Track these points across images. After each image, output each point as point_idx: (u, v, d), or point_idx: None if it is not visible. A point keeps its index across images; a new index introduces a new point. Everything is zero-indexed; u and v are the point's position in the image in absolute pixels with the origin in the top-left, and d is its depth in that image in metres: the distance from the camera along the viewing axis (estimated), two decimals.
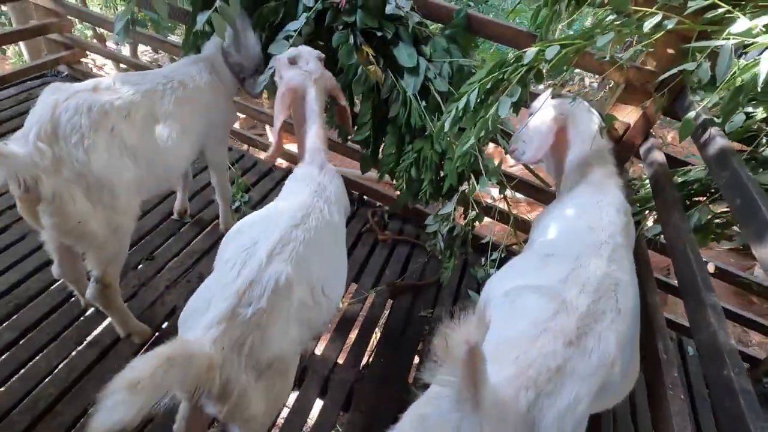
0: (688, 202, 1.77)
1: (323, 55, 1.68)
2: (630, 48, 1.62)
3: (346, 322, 2.17)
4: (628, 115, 1.89)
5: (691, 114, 1.40)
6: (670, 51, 1.68)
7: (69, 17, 3.12)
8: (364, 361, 2.04)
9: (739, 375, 0.96)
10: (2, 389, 1.62)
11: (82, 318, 1.90)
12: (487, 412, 0.76)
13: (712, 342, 1.05)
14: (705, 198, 1.71)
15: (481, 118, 1.39)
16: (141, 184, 1.53)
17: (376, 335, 2.20)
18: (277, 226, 1.17)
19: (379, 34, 1.83)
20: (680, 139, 1.45)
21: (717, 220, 1.71)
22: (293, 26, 1.81)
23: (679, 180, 1.80)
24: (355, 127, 2.06)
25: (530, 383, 0.86)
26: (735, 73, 1.22)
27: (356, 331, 2.16)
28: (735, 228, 1.72)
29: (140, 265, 2.17)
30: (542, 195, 2.37)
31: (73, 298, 1.94)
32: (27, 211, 1.35)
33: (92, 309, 1.91)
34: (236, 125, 3.12)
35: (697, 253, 1.31)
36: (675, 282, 2.36)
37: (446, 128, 1.45)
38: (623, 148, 1.98)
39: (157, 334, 1.90)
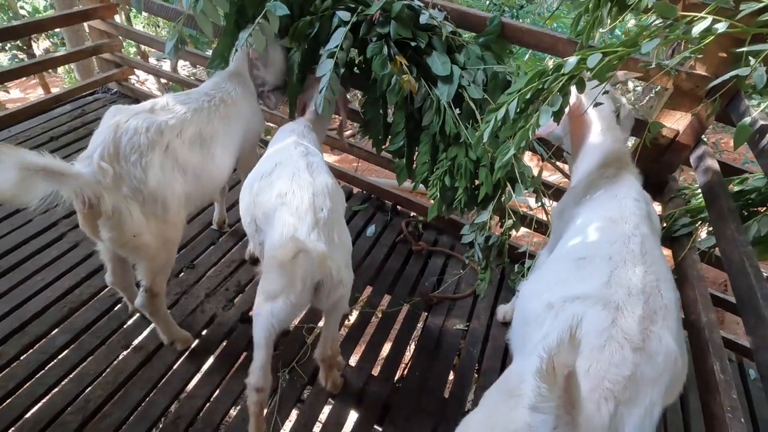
0: (745, 213, 1.67)
1: None
2: (677, 53, 1.54)
3: (381, 334, 2.16)
4: (678, 122, 1.80)
5: (747, 120, 1.32)
6: (722, 55, 1.59)
7: (120, 37, 3.32)
8: (398, 375, 2.02)
9: None
10: (57, 389, 1.70)
11: (128, 323, 1.98)
12: None
13: None
14: (765, 208, 1.60)
15: (521, 128, 1.36)
16: (189, 197, 1.60)
17: (411, 348, 2.18)
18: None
19: (412, 44, 1.84)
20: (735, 146, 1.37)
21: None
22: (334, 42, 1.83)
23: (736, 189, 1.69)
24: (389, 136, 2.07)
25: (608, 394, 0.84)
26: None
27: (390, 344, 2.14)
28: None
29: (182, 273, 2.25)
30: None
31: (120, 304, 2.03)
32: (88, 225, 1.43)
33: (137, 315, 1.99)
34: None
35: (756, 267, 1.22)
36: (733, 298, 2.22)
37: (485, 138, 1.43)
38: (672, 155, 1.89)
39: (197, 341, 1.95)
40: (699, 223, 1.70)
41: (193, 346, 1.93)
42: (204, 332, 2.02)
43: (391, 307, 2.29)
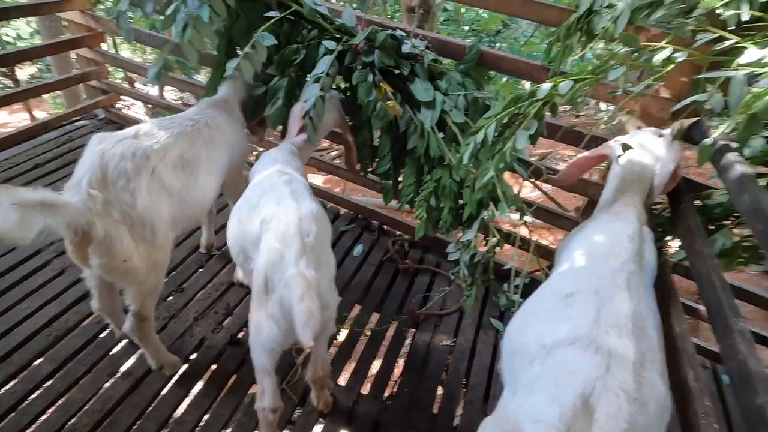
0: (711, 227, 1.76)
1: None
2: (644, 77, 1.65)
3: (370, 352, 2.18)
4: None
5: (707, 140, 1.42)
6: (684, 80, 1.72)
7: (107, 65, 3.36)
8: (387, 392, 2.04)
9: None
10: (42, 419, 1.68)
11: (115, 350, 1.97)
12: None
13: (742, 369, 1.04)
14: (729, 222, 1.70)
15: (499, 151, 1.44)
16: (175, 220, 1.62)
17: (399, 365, 2.20)
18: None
19: (396, 71, 1.93)
20: (699, 164, 1.47)
21: (745, 243, 1.69)
22: (320, 68, 1.91)
23: (702, 204, 1.79)
24: (376, 159, 2.14)
25: None
26: (748, 101, 1.25)
27: (379, 361, 2.16)
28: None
29: (170, 297, 2.24)
30: (561, 221, 2.38)
31: (107, 330, 2.01)
32: (77, 253, 1.43)
33: (125, 341, 1.98)
34: None
35: (722, 278, 1.30)
36: (704, 308, 2.31)
37: (465, 161, 1.50)
38: None
39: (186, 365, 1.95)
40: (671, 237, 1.79)
41: (182, 370, 1.92)
42: (193, 356, 2.01)
43: (380, 325, 2.32)
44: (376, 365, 2.15)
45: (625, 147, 1.48)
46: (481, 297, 2.56)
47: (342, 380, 2.04)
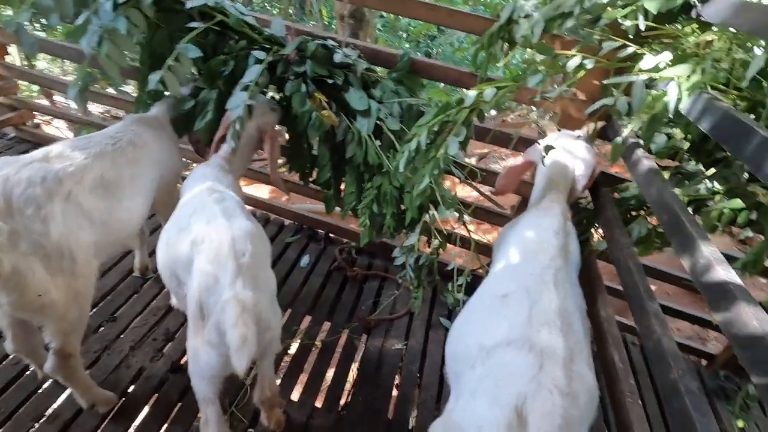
0: (629, 216, 1.92)
1: None
2: (559, 84, 1.77)
3: (322, 364, 2.15)
4: None
5: (618, 139, 1.55)
6: (596, 83, 1.86)
7: (14, 80, 3.07)
8: (342, 403, 2.02)
9: (684, 377, 1.04)
10: None
11: (39, 392, 1.79)
12: None
13: (657, 348, 1.15)
14: (643, 211, 1.86)
15: (432, 157, 1.49)
16: (99, 245, 1.51)
17: (353, 374, 2.19)
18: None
19: (329, 81, 1.93)
20: (611, 162, 1.60)
21: (659, 230, 1.86)
22: (249, 77, 1.87)
23: (619, 196, 1.95)
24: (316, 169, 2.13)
25: None
26: (649, 103, 1.39)
27: (332, 371, 2.14)
28: None
29: (102, 328, 2.09)
30: (499, 219, 2.49)
31: (28, 372, 1.83)
32: None
33: (50, 381, 1.81)
34: None
35: (638, 264, 1.42)
36: None
37: (401, 168, 1.53)
38: None
39: (123, 399, 1.82)
40: (594, 228, 1.93)
41: (119, 405, 1.79)
42: (131, 388, 1.88)
43: (331, 335, 2.30)
44: (329, 376, 2.12)
45: (548, 148, 1.58)
46: (430, 298, 2.62)
47: (294, 395, 1.99)
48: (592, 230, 1.97)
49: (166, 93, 1.85)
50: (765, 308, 1.65)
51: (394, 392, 2.11)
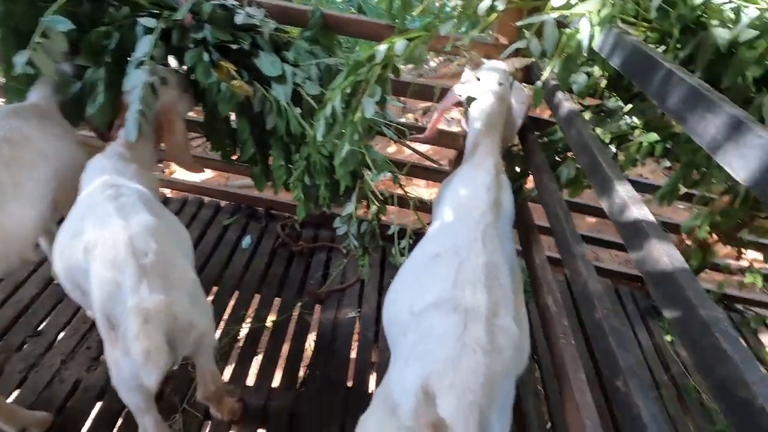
0: (558, 158, 1.94)
1: None
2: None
3: (275, 344, 2.11)
4: None
5: (538, 83, 1.52)
6: (514, 25, 1.80)
7: None
8: (300, 379, 2.01)
9: (608, 316, 1.08)
10: None
11: None
12: None
13: (584, 290, 1.17)
14: (570, 154, 1.88)
15: (350, 122, 1.40)
16: None
17: (308, 349, 2.17)
18: None
19: (235, 46, 1.75)
20: (534, 106, 1.58)
21: None
22: (141, 51, 1.65)
23: (547, 140, 1.95)
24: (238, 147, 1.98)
25: (473, 406, 0.86)
26: (563, 43, 1.34)
27: (287, 350, 2.11)
28: None
29: (25, 345, 1.92)
30: (438, 175, 2.46)
31: None
32: None
33: None
34: None
35: (565, 209, 1.44)
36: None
37: (319, 138, 1.44)
38: None
39: (60, 416, 1.70)
40: (524, 177, 1.94)
41: (57, 423, 1.67)
42: (69, 404, 1.76)
43: (281, 314, 2.25)
44: (284, 355, 2.09)
45: (470, 100, 1.52)
46: (379, 262, 2.60)
47: (249, 381, 1.95)
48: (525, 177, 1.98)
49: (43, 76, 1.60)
50: (685, 231, 1.74)
51: (352, 360, 2.11)
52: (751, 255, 2.93)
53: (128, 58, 1.69)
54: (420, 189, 3.94)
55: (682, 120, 0.90)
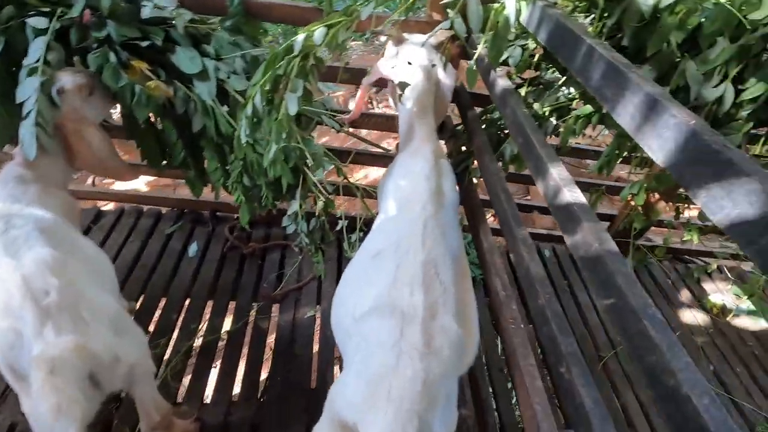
0: (501, 135, 1.92)
1: None
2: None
3: (232, 353, 2.03)
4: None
5: (471, 63, 1.47)
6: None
7: None
8: (261, 387, 1.94)
9: (550, 301, 1.06)
10: None
11: None
12: None
13: (528, 275, 1.16)
14: None
15: (276, 120, 1.30)
16: None
17: (268, 355, 2.11)
18: None
19: (145, 43, 1.59)
20: (469, 87, 1.53)
21: None
22: (33, 56, 1.47)
23: (489, 117, 1.92)
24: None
25: (411, 416, 0.84)
26: (492, 19, 1.29)
27: (245, 359, 2.03)
28: None
29: None
30: (386, 160, 2.40)
31: None
32: None
33: None
34: None
35: (506, 191, 1.42)
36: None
37: (244, 139, 1.34)
38: None
39: None
40: (470, 157, 1.91)
41: None
42: None
43: (237, 321, 2.16)
44: (242, 366, 2.02)
45: (403, 85, 1.45)
46: (336, 256, 2.54)
47: (207, 398, 1.87)
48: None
49: None
50: (623, 199, 1.75)
51: (314, 361, 2.06)
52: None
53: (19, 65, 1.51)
54: (376, 172, 3.87)
55: (603, 98, 0.87)
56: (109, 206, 2.79)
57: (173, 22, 1.66)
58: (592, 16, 1.52)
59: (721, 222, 0.59)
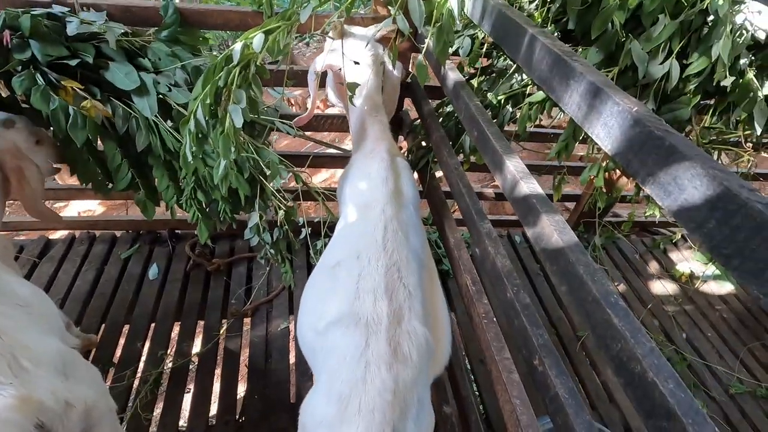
0: (461, 126, 1.91)
1: None
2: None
3: (205, 378, 1.95)
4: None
5: (420, 57, 1.44)
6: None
7: None
8: (239, 408, 1.88)
9: (518, 293, 1.06)
10: None
11: None
12: None
13: (494, 269, 1.15)
14: None
15: (221, 133, 1.24)
16: None
17: (243, 373, 2.04)
18: None
19: (74, 62, 1.48)
20: (421, 83, 1.50)
21: None
22: None
23: (446, 110, 1.91)
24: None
25: (383, 427, 0.82)
26: (435, 15, 1.26)
27: (219, 379, 1.96)
28: None
29: None
30: (347, 161, 2.35)
31: None
32: None
33: None
34: None
35: (468, 186, 1.41)
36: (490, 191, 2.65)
37: (189, 157, 1.27)
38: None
39: None
40: (431, 151, 1.89)
41: None
42: None
43: (206, 343, 2.08)
44: (216, 388, 1.94)
45: (352, 86, 1.41)
46: (306, 263, 2.49)
47: (182, 426, 1.79)
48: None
49: None
50: (583, 183, 1.78)
51: (291, 374, 2.01)
52: None
53: None
54: (340, 173, 3.81)
55: (549, 89, 0.86)
56: (58, 234, 2.62)
57: (103, 36, 1.56)
58: (537, 1, 1.53)
59: (670, 207, 0.59)
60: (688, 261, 2.99)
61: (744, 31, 1.22)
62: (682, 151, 0.56)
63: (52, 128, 1.59)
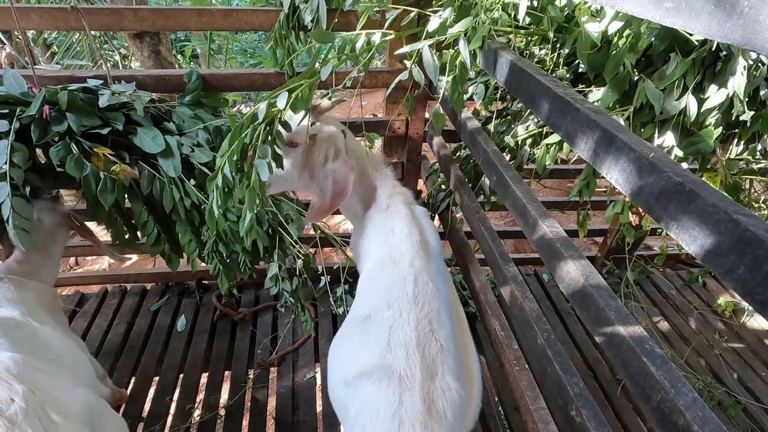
0: (479, 171, 1.92)
1: None
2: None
3: (233, 425, 1.92)
4: (405, 112, 1.96)
5: (436, 107, 1.48)
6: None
7: None
8: None
9: (549, 340, 1.03)
10: None
11: None
12: None
13: (522, 315, 1.12)
14: None
15: (247, 188, 1.28)
16: None
17: (271, 426, 1.99)
18: None
19: (106, 130, 1.58)
20: (437, 132, 1.54)
21: None
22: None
23: (464, 153, 1.93)
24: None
25: None
26: (449, 65, 1.32)
27: (247, 430, 1.92)
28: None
29: None
30: None
31: None
32: None
33: None
34: None
35: (490, 229, 1.40)
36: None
37: (216, 212, 1.31)
38: (412, 141, 2.07)
39: None
40: (451, 195, 1.91)
41: None
42: None
43: (233, 395, 2.05)
44: None
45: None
46: (330, 310, 2.47)
47: None
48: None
49: None
50: (608, 221, 1.75)
51: (320, 426, 1.96)
52: None
53: None
54: None
55: (565, 135, 0.87)
56: (92, 289, 2.71)
57: (133, 105, 1.67)
58: (547, 49, 1.57)
59: (697, 253, 0.58)
60: (730, 293, 2.83)
61: (760, 65, 1.21)
62: (703, 197, 0.55)
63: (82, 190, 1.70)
